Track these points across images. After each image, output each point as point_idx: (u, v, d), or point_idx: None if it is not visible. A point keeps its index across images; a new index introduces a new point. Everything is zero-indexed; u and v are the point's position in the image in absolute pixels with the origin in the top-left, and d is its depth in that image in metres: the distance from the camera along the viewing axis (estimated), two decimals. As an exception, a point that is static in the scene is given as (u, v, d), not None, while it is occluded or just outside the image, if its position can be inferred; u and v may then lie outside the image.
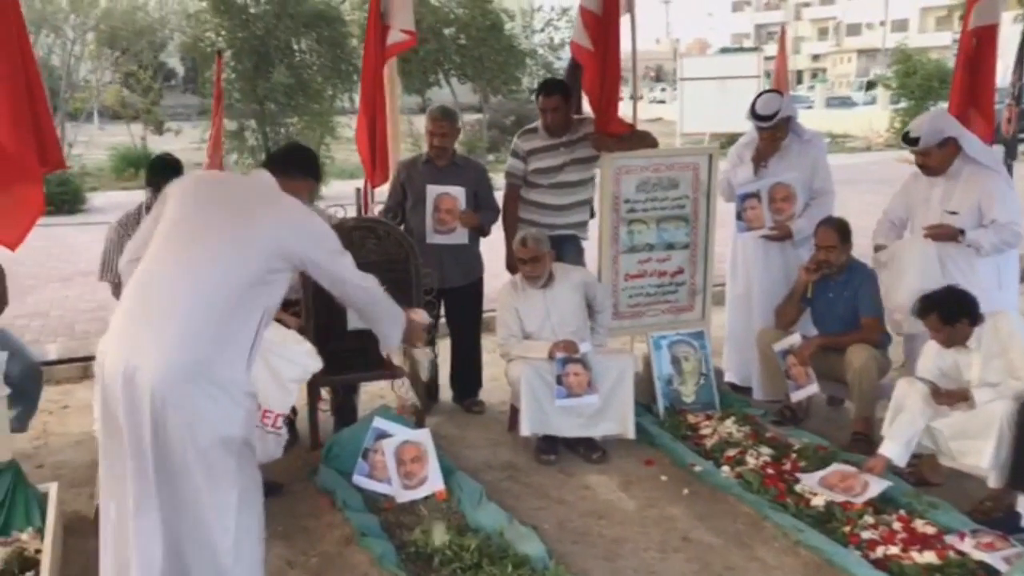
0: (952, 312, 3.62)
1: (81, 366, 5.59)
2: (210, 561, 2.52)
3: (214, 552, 2.52)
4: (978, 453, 3.53)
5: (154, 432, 2.43)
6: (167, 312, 2.49)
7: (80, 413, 4.89)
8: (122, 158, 17.90)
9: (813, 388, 4.47)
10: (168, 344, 2.44)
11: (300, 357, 3.57)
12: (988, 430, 3.49)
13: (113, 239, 4.18)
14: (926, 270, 4.09)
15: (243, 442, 2.54)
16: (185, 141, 18.20)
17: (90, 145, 19.04)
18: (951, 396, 3.64)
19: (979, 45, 5.13)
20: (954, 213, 4.19)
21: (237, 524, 2.53)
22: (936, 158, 4.22)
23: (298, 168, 2.90)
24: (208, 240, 2.60)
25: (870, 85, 34.40)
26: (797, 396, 4.53)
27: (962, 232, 4.13)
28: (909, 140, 4.23)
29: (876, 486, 3.63)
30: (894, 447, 3.68)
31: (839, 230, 4.39)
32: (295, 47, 14.96)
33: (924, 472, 3.86)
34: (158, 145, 18.09)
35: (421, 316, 3.40)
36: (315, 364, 3.60)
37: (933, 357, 3.78)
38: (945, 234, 4.16)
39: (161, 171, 4.15)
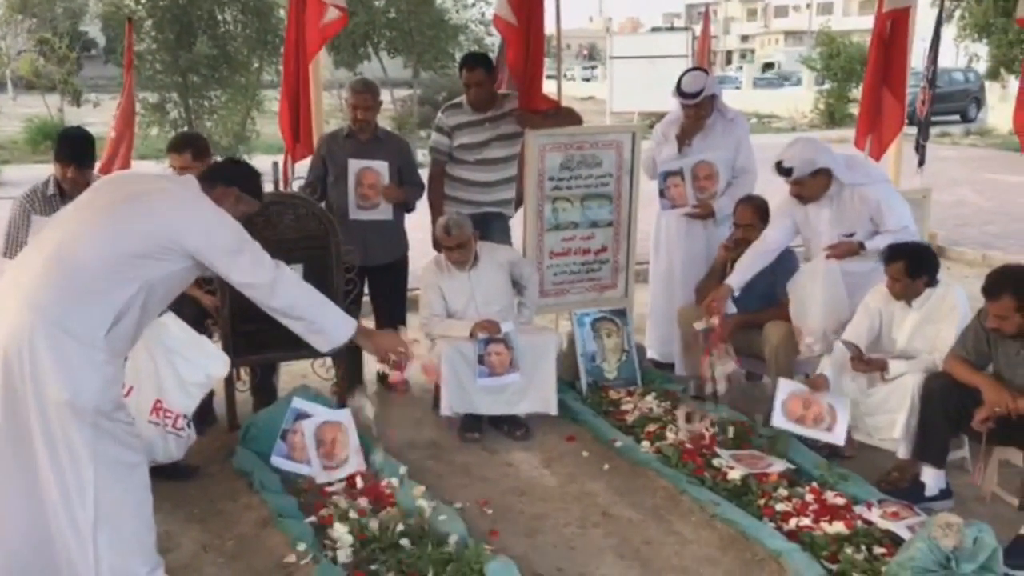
0: (919, 266, 3.73)
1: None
2: (73, 539, 2.51)
3: (76, 530, 2.50)
4: (892, 426, 3.66)
5: (4, 389, 2.45)
6: (29, 276, 2.53)
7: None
8: (38, 130, 17.23)
9: (733, 365, 4.55)
10: (22, 301, 2.47)
11: (205, 360, 3.44)
12: (902, 403, 3.62)
13: (18, 213, 3.99)
14: (833, 292, 4.08)
15: (97, 412, 2.48)
16: (106, 113, 17.52)
17: (2, 116, 18.28)
18: (870, 364, 3.77)
19: (893, 28, 5.25)
20: (851, 235, 4.14)
21: (97, 503, 2.50)
22: (809, 187, 4.14)
23: (221, 177, 2.87)
24: (90, 219, 2.62)
25: (767, 66, 35.97)
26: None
27: (862, 245, 4.10)
28: (782, 170, 4.15)
29: (840, 408, 3.75)
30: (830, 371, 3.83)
31: (757, 208, 4.47)
32: (219, 17, 14.51)
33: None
34: (76, 117, 17.41)
35: (397, 338, 3.19)
36: (218, 370, 3.51)
37: (880, 300, 3.88)
38: (845, 250, 4.10)
39: (70, 145, 3.97)
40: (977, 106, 24.27)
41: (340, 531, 3.24)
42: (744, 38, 61.88)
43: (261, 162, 4.54)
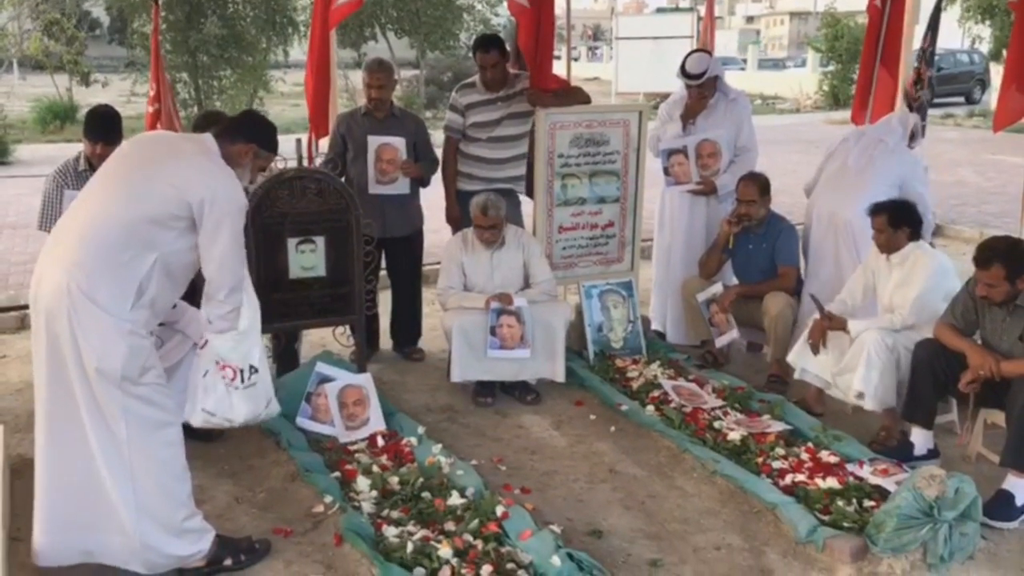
0: (899, 217, 3.99)
1: (17, 316, 5.59)
2: (114, 486, 2.72)
3: (116, 479, 2.71)
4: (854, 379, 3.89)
5: (48, 348, 2.67)
6: (67, 238, 2.73)
7: (20, 362, 4.91)
8: (47, 110, 17.33)
9: (734, 334, 4.76)
10: (60, 265, 2.67)
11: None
12: (859, 356, 3.86)
13: (51, 189, 4.19)
14: None
15: (124, 378, 2.66)
16: (114, 93, 17.72)
17: (11, 96, 18.40)
18: (832, 320, 4.04)
19: (892, 6, 5.40)
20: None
21: (131, 457, 2.71)
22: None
23: (240, 133, 2.97)
24: (113, 186, 2.80)
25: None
26: (721, 342, 4.82)
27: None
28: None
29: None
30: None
31: (759, 185, 4.65)
32: (228, -2, 14.66)
33: (809, 402, 4.26)
34: (84, 97, 17.57)
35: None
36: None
37: (872, 259, 4.16)
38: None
39: (100, 122, 4.15)
40: (981, 88, 24.28)
41: (363, 484, 3.46)
42: (749, 19, 61.56)
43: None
